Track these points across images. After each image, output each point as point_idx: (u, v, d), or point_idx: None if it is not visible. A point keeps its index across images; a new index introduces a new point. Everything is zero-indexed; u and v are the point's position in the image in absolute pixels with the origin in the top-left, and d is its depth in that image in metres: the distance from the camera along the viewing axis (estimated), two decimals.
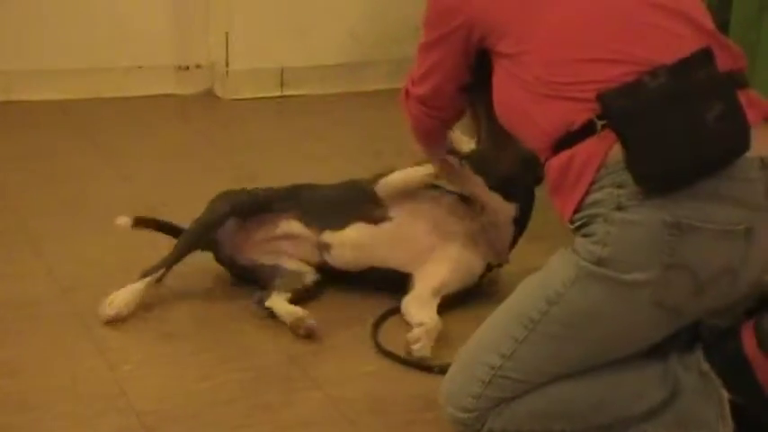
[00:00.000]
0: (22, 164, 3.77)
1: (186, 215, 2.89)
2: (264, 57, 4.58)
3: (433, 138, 2.60)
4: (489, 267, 2.83)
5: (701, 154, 1.98)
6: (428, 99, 2.41)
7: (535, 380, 2.10)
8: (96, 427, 2.23)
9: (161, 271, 2.73)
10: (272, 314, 2.69)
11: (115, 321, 2.64)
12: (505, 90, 2.20)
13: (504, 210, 2.78)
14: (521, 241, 2.83)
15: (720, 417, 2.10)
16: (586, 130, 2.05)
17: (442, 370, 2.38)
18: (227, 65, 4.56)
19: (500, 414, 2.12)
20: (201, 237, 2.81)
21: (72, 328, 2.64)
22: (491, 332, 2.15)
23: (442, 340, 2.57)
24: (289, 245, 2.85)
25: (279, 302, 2.71)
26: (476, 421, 2.12)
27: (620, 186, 2.02)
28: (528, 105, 2.14)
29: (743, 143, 2.00)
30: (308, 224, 2.83)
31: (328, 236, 2.82)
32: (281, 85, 4.63)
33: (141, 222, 2.89)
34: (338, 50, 4.66)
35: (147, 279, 2.71)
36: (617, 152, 2.02)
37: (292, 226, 2.84)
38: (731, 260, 2.04)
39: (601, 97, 2.03)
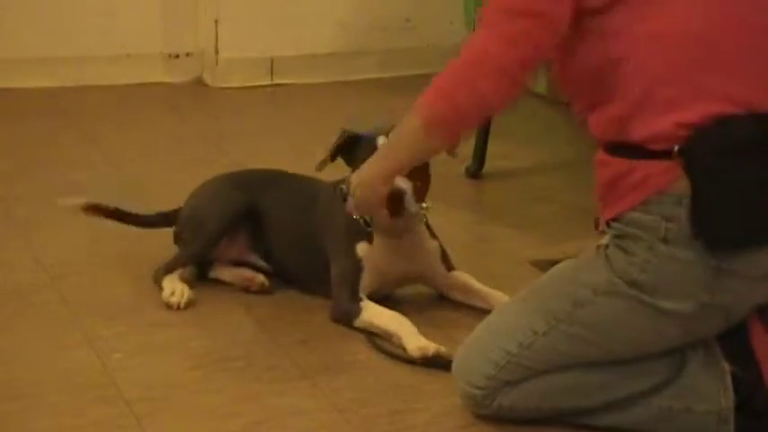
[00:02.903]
0: (9, 151, 3.76)
1: (174, 202, 2.89)
2: (254, 45, 4.57)
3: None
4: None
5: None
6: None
7: (548, 369, 2.14)
8: (85, 416, 2.23)
9: (180, 269, 2.73)
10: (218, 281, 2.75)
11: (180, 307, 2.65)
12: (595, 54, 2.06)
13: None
14: (513, 233, 2.82)
15: (722, 390, 2.11)
16: (661, 155, 2.00)
17: (426, 363, 2.41)
18: (216, 53, 4.55)
19: (510, 392, 2.15)
20: (225, 232, 2.77)
21: (61, 316, 2.64)
22: (512, 318, 2.18)
23: (445, 333, 2.54)
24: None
25: (222, 270, 2.76)
26: (486, 398, 2.16)
27: (668, 220, 2.00)
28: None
29: None
30: (268, 264, 2.82)
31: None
32: (271, 73, 4.62)
33: (93, 209, 2.82)
34: (328, 40, 4.65)
35: (175, 273, 2.71)
36: (678, 185, 1.99)
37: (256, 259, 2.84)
38: (765, 298, 2.08)
39: (688, 142, 1.97)
